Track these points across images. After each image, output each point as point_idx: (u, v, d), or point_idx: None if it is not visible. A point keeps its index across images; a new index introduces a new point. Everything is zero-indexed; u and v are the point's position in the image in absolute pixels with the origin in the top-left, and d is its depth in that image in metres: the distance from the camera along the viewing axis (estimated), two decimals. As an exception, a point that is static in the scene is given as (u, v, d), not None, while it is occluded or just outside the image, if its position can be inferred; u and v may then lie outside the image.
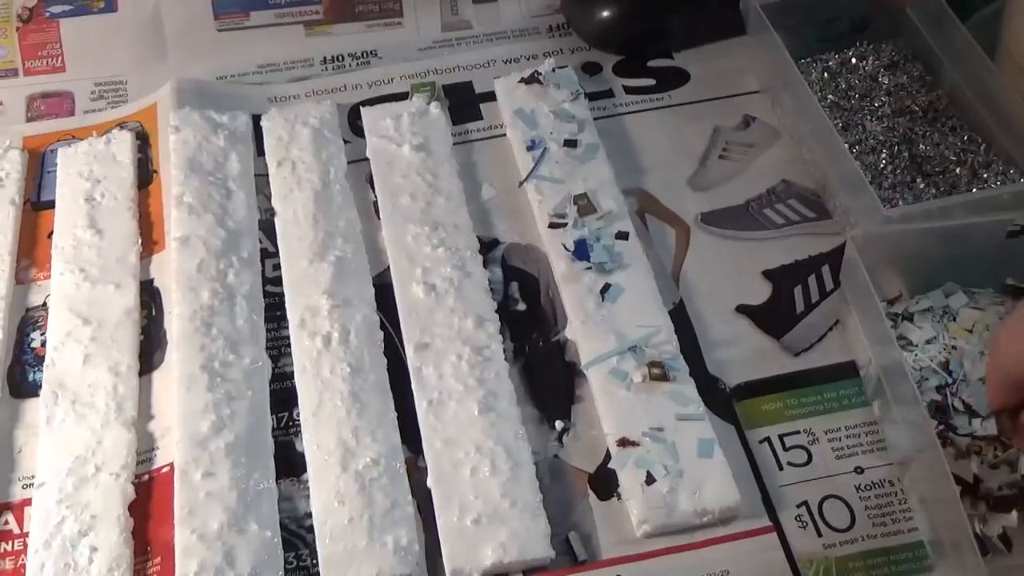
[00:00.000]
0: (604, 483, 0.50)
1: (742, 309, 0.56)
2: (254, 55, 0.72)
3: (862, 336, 0.53)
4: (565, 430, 0.52)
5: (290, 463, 0.51)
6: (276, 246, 0.59)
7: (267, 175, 0.62)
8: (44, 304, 0.58)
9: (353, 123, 0.66)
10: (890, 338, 0.50)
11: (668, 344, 0.53)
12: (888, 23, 0.67)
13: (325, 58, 0.72)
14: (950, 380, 0.50)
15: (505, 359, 0.53)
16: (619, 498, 0.49)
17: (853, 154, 0.60)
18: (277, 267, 0.58)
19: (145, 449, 0.52)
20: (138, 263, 0.58)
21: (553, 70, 0.65)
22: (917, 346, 0.51)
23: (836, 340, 0.55)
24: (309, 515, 0.49)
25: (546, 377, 0.54)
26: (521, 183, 0.61)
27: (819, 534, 0.48)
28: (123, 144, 0.64)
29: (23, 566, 0.48)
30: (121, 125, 0.66)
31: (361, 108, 0.65)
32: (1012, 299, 0.53)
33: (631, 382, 0.51)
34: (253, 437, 0.51)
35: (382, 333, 0.55)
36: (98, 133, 0.65)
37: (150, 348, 0.56)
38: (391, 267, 0.57)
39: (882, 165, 0.60)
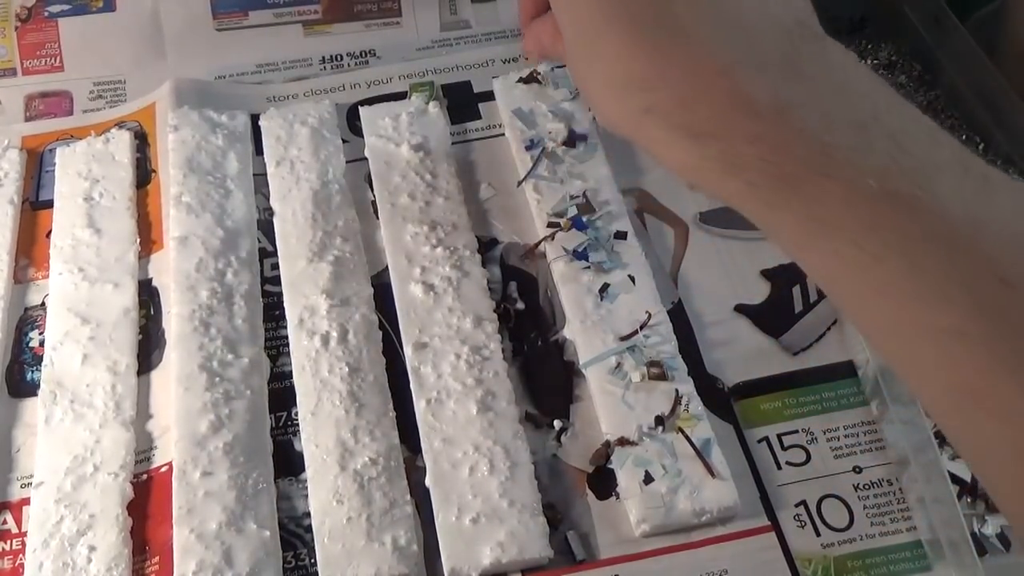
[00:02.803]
0: (603, 482, 0.50)
1: (741, 309, 0.56)
2: (253, 54, 0.72)
3: (860, 336, 0.53)
4: (564, 429, 0.52)
5: (289, 462, 0.51)
6: (274, 245, 0.59)
7: (266, 174, 0.62)
8: (42, 303, 0.58)
9: (352, 123, 0.66)
10: (888, 338, 0.50)
11: (666, 343, 0.53)
12: (886, 23, 0.67)
13: (324, 58, 0.72)
14: (948, 379, 0.50)
15: (504, 358, 0.53)
16: (617, 497, 0.49)
17: (852, 154, 0.60)
18: (275, 266, 0.58)
19: (143, 448, 0.52)
20: (136, 262, 0.58)
21: (552, 69, 0.65)
22: (915, 346, 0.51)
23: (834, 340, 0.55)
24: (308, 514, 0.49)
25: (545, 377, 0.54)
26: (520, 183, 0.61)
27: (817, 533, 0.48)
28: (122, 143, 0.64)
29: (21, 566, 0.48)
30: (120, 124, 0.66)
31: (360, 107, 0.65)
32: None
33: (630, 381, 0.51)
34: (251, 436, 0.51)
35: (381, 332, 0.55)
36: (97, 132, 0.65)
37: (148, 347, 0.56)
38: (389, 266, 0.57)
39: (880, 165, 0.60)
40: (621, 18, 0.33)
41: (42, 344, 0.55)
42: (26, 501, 0.50)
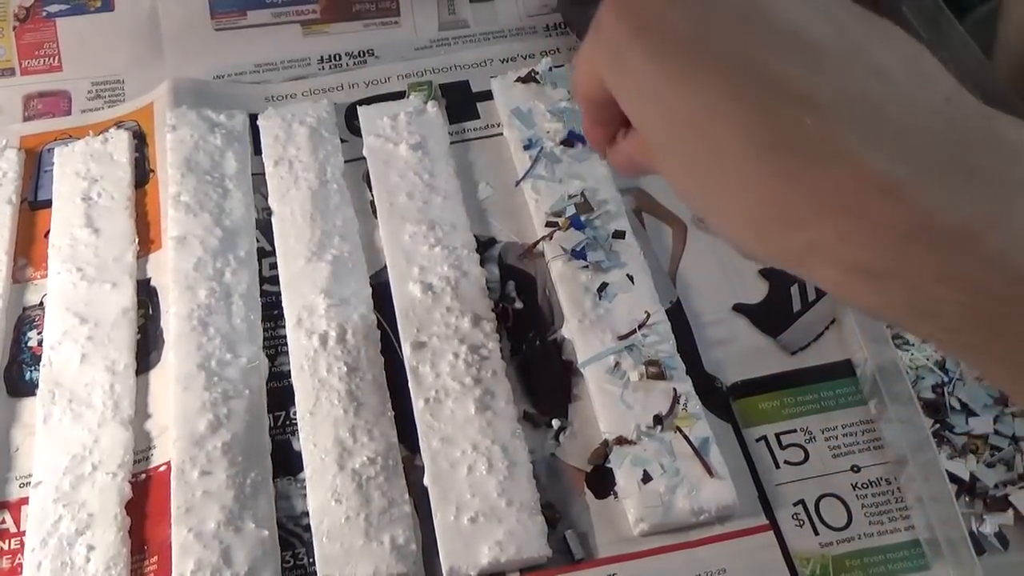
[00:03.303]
0: (601, 482, 0.50)
1: (739, 308, 0.56)
2: (251, 54, 0.72)
3: (858, 335, 0.53)
4: (562, 429, 0.52)
5: (287, 462, 0.51)
6: (273, 245, 0.59)
7: (264, 174, 0.62)
8: (41, 303, 0.58)
9: (350, 122, 0.66)
10: (886, 337, 0.50)
11: (665, 343, 0.53)
12: (885, 22, 0.67)
13: (322, 57, 0.72)
14: (946, 379, 0.50)
15: (502, 358, 0.53)
16: (616, 497, 0.49)
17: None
18: (274, 266, 0.58)
19: (142, 448, 0.52)
20: (135, 262, 0.58)
21: (550, 69, 0.65)
22: (913, 345, 0.51)
23: (833, 339, 0.55)
24: (306, 514, 0.49)
25: (543, 376, 0.54)
26: (518, 182, 0.61)
27: (816, 532, 0.48)
28: (120, 143, 0.64)
29: (20, 565, 0.48)
30: (118, 124, 0.66)
31: (358, 107, 0.65)
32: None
33: (628, 381, 0.51)
34: (250, 436, 0.51)
35: (379, 332, 0.55)
36: (95, 132, 0.65)
37: (147, 347, 0.56)
38: (388, 266, 0.57)
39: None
40: (748, 139, 0.28)
41: (40, 344, 0.55)
42: (25, 500, 0.50)
